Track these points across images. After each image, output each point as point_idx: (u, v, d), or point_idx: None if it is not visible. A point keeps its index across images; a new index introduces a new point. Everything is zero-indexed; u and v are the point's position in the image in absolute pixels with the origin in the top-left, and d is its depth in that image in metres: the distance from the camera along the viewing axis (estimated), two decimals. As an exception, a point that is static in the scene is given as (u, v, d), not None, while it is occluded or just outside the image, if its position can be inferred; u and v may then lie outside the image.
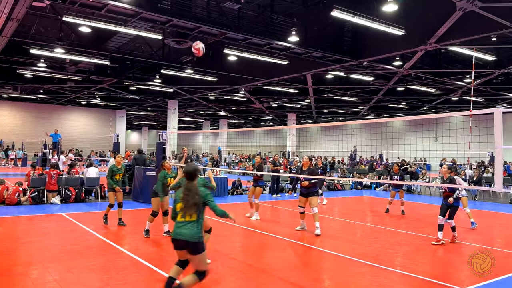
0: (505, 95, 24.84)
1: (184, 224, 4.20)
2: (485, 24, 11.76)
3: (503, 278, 5.90)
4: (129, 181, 14.16)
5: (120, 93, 28.30)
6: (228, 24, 13.20)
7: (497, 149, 4.70)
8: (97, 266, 6.07)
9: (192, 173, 4.34)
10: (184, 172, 4.41)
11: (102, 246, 7.31)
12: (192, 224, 4.19)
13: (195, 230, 4.16)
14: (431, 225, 10.26)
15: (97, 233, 8.24)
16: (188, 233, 4.15)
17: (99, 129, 36.70)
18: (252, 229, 9.18)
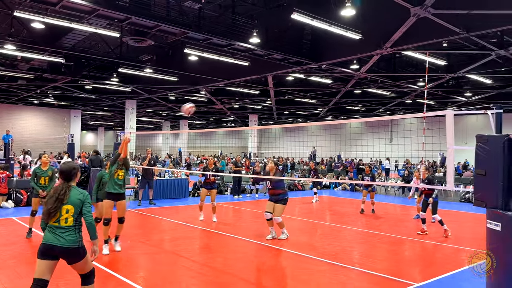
0: (455, 98, 26.18)
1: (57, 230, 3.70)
2: (437, 30, 12.33)
3: (453, 273, 6.20)
4: (84, 183, 13.70)
5: (75, 92, 27.24)
6: (189, 24, 13.05)
7: (449, 150, 4.94)
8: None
9: (69, 173, 3.90)
10: (60, 171, 3.94)
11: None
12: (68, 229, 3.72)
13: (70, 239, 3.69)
14: (387, 223, 10.63)
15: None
16: (63, 241, 3.67)
17: (53, 130, 35.12)
18: (213, 231, 9.11)
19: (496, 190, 4.50)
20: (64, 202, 3.74)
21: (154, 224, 10.00)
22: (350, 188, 19.90)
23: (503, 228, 4.45)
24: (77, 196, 3.82)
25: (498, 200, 4.50)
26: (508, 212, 4.47)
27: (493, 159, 4.50)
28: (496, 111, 4.68)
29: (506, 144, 4.52)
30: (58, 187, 3.83)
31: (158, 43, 17.74)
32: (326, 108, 32.43)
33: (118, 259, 6.64)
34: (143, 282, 5.45)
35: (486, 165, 4.57)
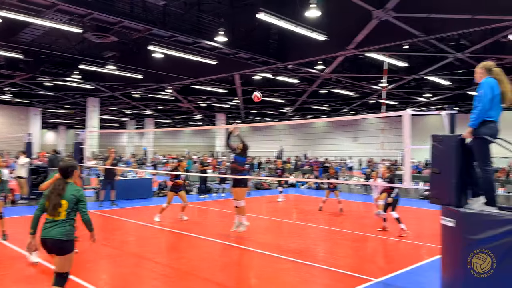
0: (415, 99, 27.11)
1: (52, 223, 3.97)
2: (398, 33, 12.72)
3: (411, 268, 6.43)
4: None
5: (34, 89, 26.16)
6: (153, 20, 12.82)
7: (406, 149, 5.11)
8: (6, 278, 5.55)
9: (66, 170, 4.14)
10: (58, 168, 4.18)
11: (10, 256, 6.69)
12: (60, 223, 3.97)
13: (61, 231, 3.94)
14: (350, 220, 10.87)
15: (6, 242, 7.53)
16: (54, 233, 3.93)
17: (10, 128, 33.53)
18: (177, 231, 9.00)
19: (450, 188, 4.69)
20: (62, 196, 3.98)
21: (116, 225, 9.76)
22: (316, 186, 20.20)
23: (457, 224, 4.65)
24: (72, 192, 4.05)
25: (452, 197, 4.69)
26: (461, 209, 4.67)
27: (447, 158, 4.69)
28: (449, 112, 4.88)
29: (458, 144, 4.73)
30: (56, 183, 4.08)
31: (121, 40, 17.34)
32: (293, 107, 32.76)
33: (79, 262, 6.44)
34: (104, 285, 5.31)
35: (440, 164, 4.76)
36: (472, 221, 4.50)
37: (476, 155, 4.74)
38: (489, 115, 4.60)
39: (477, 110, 4.59)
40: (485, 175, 4.72)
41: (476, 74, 4.82)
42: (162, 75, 20.33)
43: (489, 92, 4.52)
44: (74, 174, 4.22)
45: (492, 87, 4.57)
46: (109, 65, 19.42)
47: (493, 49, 15.33)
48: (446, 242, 4.88)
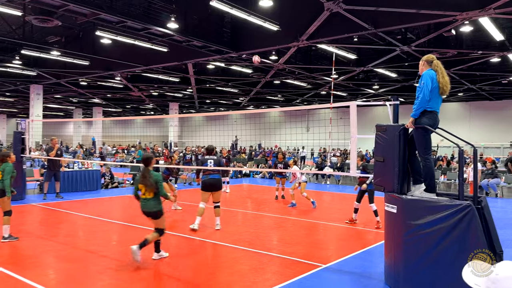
0: (364, 90, 28.02)
1: (146, 200, 5.78)
2: (348, 25, 13.02)
3: (358, 253, 6.67)
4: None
5: (-30, 74, 24.31)
6: (100, 4, 12.24)
7: (352, 138, 5.26)
8: None
9: (146, 160, 5.88)
10: (142, 159, 5.90)
11: None
12: (151, 199, 5.76)
13: (153, 204, 5.78)
14: (300, 208, 11.08)
15: None
16: (149, 206, 5.78)
17: None
18: (126, 224, 8.76)
19: (393, 175, 4.90)
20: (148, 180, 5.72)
21: (61, 219, 9.33)
22: (269, 175, 20.42)
23: (398, 210, 4.87)
24: (154, 178, 5.79)
25: (394, 184, 4.90)
26: (403, 196, 4.89)
27: (390, 146, 4.88)
28: (393, 103, 5.07)
29: (401, 133, 4.93)
30: (144, 171, 5.83)
31: (66, 24, 16.45)
32: (247, 97, 32.76)
33: (21, 259, 6.10)
34: (49, 282, 5.06)
35: (384, 152, 4.95)
36: (413, 207, 4.73)
37: (417, 144, 4.96)
38: (430, 106, 4.82)
39: (418, 101, 4.79)
40: (426, 163, 4.96)
41: (419, 66, 5.03)
42: (111, 61, 19.54)
43: (429, 83, 4.72)
44: (152, 163, 5.94)
45: (432, 78, 4.78)
46: (53, 50, 18.38)
47: (437, 42, 16.11)
48: (389, 227, 5.11)
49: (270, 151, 31.18)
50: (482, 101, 32.38)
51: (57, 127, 49.74)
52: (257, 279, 5.28)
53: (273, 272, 5.57)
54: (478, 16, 11.51)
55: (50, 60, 20.64)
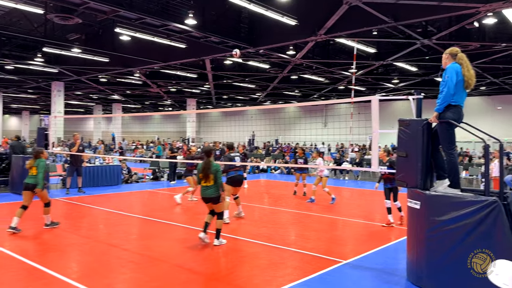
0: (383, 84, 27.61)
1: (206, 187, 6.43)
2: (367, 19, 12.82)
3: (379, 249, 6.60)
4: (6, 172, 12.68)
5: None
6: (120, 2, 12.35)
7: (374, 133, 5.19)
8: None
9: (209, 152, 6.61)
10: (202, 151, 6.79)
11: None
12: (211, 187, 6.43)
13: (213, 190, 6.42)
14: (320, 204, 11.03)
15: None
16: (209, 193, 6.43)
17: (-32, 113, 31.96)
18: (147, 218, 8.88)
19: (416, 171, 4.82)
20: (209, 170, 6.38)
21: (83, 213, 9.52)
22: (287, 171, 20.39)
23: (422, 206, 4.79)
24: (214, 167, 6.45)
25: (418, 180, 4.82)
26: (426, 191, 4.80)
27: (413, 141, 4.80)
28: (416, 97, 4.98)
29: (425, 128, 4.84)
30: (206, 161, 6.46)
31: (87, 22, 16.67)
32: (264, 93, 32.69)
33: (45, 251, 6.25)
34: (72, 274, 5.18)
35: (407, 147, 4.87)
36: (437, 203, 4.64)
37: (441, 139, 4.86)
38: (454, 100, 4.71)
39: (443, 95, 4.69)
40: (450, 158, 4.86)
41: (443, 59, 4.92)
42: (130, 58, 19.74)
43: (454, 76, 4.62)
44: (212, 154, 6.62)
45: (457, 72, 4.67)
46: (74, 48, 18.68)
47: (458, 35, 15.73)
48: (411, 223, 5.03)
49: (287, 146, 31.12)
50: (506, 95, 31.57)
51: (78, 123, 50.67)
52: (277, 273, 5.28)
53: (294, 267, 5.57)
54: (502, 7, 11.18)
55: (71, 58, 20.98)
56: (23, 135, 44.41)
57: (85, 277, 5.03)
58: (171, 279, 5.09)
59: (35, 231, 7.37)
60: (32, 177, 7.33)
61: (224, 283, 4.99)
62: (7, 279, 4.93)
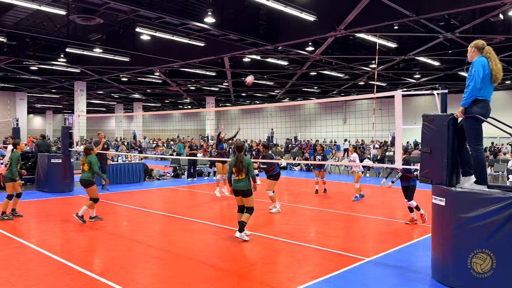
0: (405, 80, 27.16)
1: (238, 180, 6.63)
2: (388, 13, 12.60)
3: (402, 247, 6.51)
4: (32, 170, 13.03)
5: (20, 73, 25.57)
6: (140, 1, 12.50)
7: (397, 129, 5.11)
8: (-6, 264, 5.50)
9: (241, 147, 6.82)
10: (235, 146, 6.86)
11: (1, 241, 6.63)
12: (243, 180, 6.63)
13: (245, 183, 6.62)
14: (341, 201, 10.97)
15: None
16: (241, 186, 6.61)
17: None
18: (170, 215, 8.99)
19: (441, 167, 4.73)
20: (242, 164, 6.61)
21: (107, 210, 9.70)
22: (306, 168, 20.31)
23: (447, 203, 4.70)
24: (246, 161, 6.69)
25: (443, 176, 4.73)
26: (452, 188, 4.71)
27: (438, 137, 4.71)
28: (441, 92, 4.88)
29: (450, 123, 4.74)
30: (239, 156, 6.71)
31: (107, 22, 16.94)
32: (282, 90, 32.60)
33: (71, 247, 6.41)
34: (97, 269, 5.30)
35: (431, 143, 4.78)
36: (463, 200, 4.55)
37: (467, 134, 4.76)
38: (481, 94, 4.61)
39: (469, 89, 4.58)
40: (476, 154, 4.75)
41: (468, 53, 4.81)
42: (150, 57, 19.99)
43: (480, 70, 4.51)
44: (243, 149, 6.88)
45: (484, 65, 4.56)
46: (96, 48, 19.02)
47: (482, 28, 15.33)
48: (436, 220, 4.95)
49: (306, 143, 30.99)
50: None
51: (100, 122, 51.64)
52: (299, 270, 5.28)
53: (316, 265, 5.55)
54: (530, -2, 10.83)
55: (93, 57, 21.38)
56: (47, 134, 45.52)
57: (111, 273, 5.14)
58: (195, 275, 5.15)
59: (61, 228, 7.56)
60: (85, 173, 8.02)
61: (247, 280, 5.01)
62: (35, 274, 5.08)
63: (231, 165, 6.78)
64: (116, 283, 4.76)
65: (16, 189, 8.30)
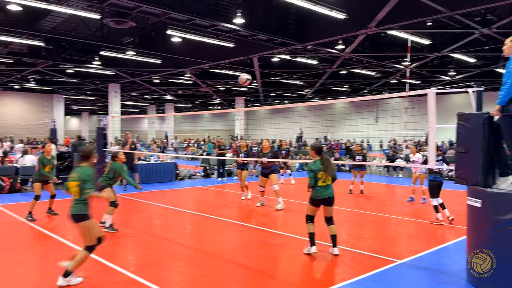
0: (439, 77, 26.35)
1: (327, 187, 5.79)
2: (421, 9, 12.27)
3: (435, 250, 6.34)
4: (68, 169, 13.52)
5: (57, 76, 26.60)
6: (171, 4, 12.73)
7: (431, 128, 4.97)
8: (34, 259, 5.76)
9: (320, 149, 5.98)
10: (315, 148, 5.97)
11: (40, 238, 6.93)
12: (329, 186, 5.84)
13: (332, 190, 5.86)
14: (373, 202, 10.77)
15: (34, 224, 7.79)
16: (330, 193, 5.82)
17: (35, 115, 34.31)
18: (200, 214, 9.12)
19: (476, 167, 4.57)
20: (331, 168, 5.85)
21: (139, 208, 9.95)
22: (336, 168, 20.09)
23: (483, 205, 4.54)
24: (333, 165, 5.92)
25: (478, 177, 4.57)
26: (488, 189, 4.55)
27: (473, 136, 4.55)
28: (476, 89, 4.71)
29: (486, 122, 4.57)
30: (325, 159, 5.86)
31: (140, 25, 17.35)
32: (312, 89, 32.35)
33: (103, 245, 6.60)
34: (130, 266, 5.44)
35: (466, 143, 4.62)
36: (500, 201, 4.38)
37: (504, 133, 4.58)
38: (519, 92, 4.42)
39: (506, 87, 4.41)
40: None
41: (505, 48, 4.62)
42: (181, 59, 20.32)
43: (519, 67, 4.32)
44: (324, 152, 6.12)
45: (522, 61, 4.37)
46: (129, 50, 19.52)
47: (522, 23, 14.66)
48: (472, 222, 4.79)
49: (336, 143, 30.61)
50: None
51: (133, 123, 52.97)
52: (331, 272, 5.24)
53: (347, 266, 5.48)
54: None
55: (126, 60, 21.94)
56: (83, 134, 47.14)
57: (142, 270, 5.27)
58: (224, 274, 5.20)
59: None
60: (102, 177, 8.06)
61: (277, 280, 5.02)
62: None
63: (316, 170, 5.75)
64: (148, 280, 4.88)
65: (51, 191, 8.56)
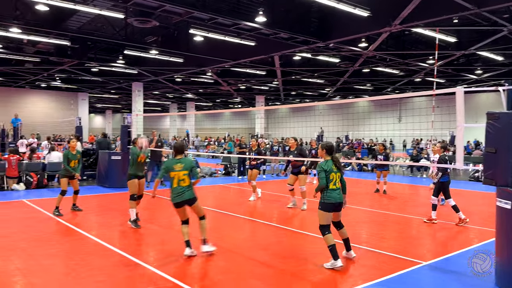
0: (465, 76, 25.72)
1: (336, 190, 5.33)
2: (447, 6, 12.00)
3: (462, 252, 6.19)
4: (93, 166, 13.82)
5: (82, 75, 27.23)
6: (194, 3, 12.83)
7: (459, 127, 4.85)
8: (61, 252, 5.91)
9: (332, 148, 5.46)
10: (325, 147, 5.44)
11: (66, 232, 7.10)
12: (338, 189, 5.39)
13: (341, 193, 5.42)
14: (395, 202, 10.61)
15: (60, 219, 7.99)
16: (341, 196, 5.38)
17: (60, 113, 35.24)
18: (221, 211, 9.16)
19: (507, 168, 4.43)
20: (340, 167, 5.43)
21: (163, 205, 10.07)
22: (358, 168, 19.86)
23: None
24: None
25: (508, 178, 4.44)
26: (519, 190, 4.40)
27: (504, 136, 4.42)
28: (507, 88, 4.57)
29: (517, 121, 4.43)
30: (336, 159, 5.43)
31: (163, 24, 17.55)
32: (333, 88, 32.08)
33: (128, 240, 6.72)
34: (154, 262, 5.52)
35: (496, 143, 4.49)
36: (531, 203, 4.24)
37: (537, 133, 4.42)
38: (553, 90, 4.26)
39: (540, 85, 4.26)
40: (547, 154, 4.41)
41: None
42: (203, 58, 20.47)
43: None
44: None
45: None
46: (152, 49, 19.79)
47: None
48: (501, 224, 4.65)
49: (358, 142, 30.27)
50: None
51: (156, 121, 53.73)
52: (354, 272, 5.18)
53: (370, 266, 5.42)
54: None
55: (149, 59, 22.26)
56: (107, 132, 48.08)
57: (165, 265, 5.33)
58: (245, 271, 5.22)
59: (119, 221, 7.94)
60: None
61: (299, 279, 5.00)
62: (96, 264, 5.39)
63: (328, 171, 5.27)
64: (170, 275, 4.94)
65: (75, 186, 8.70)
